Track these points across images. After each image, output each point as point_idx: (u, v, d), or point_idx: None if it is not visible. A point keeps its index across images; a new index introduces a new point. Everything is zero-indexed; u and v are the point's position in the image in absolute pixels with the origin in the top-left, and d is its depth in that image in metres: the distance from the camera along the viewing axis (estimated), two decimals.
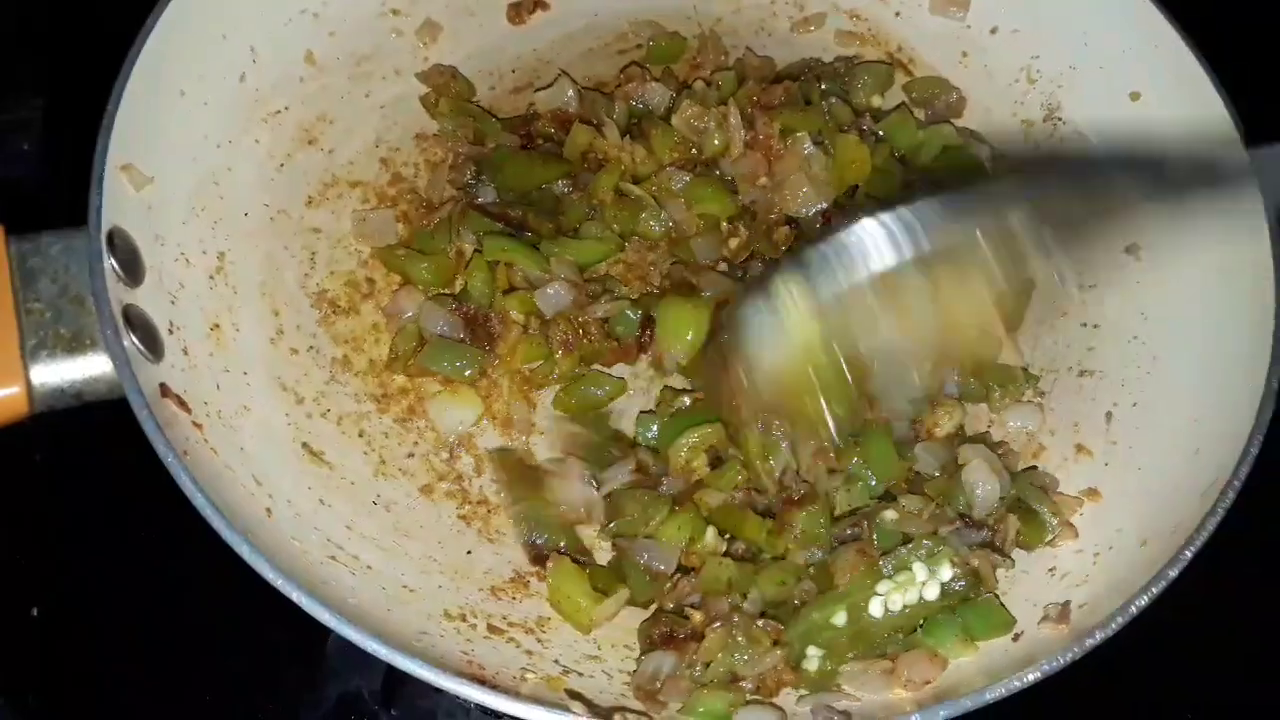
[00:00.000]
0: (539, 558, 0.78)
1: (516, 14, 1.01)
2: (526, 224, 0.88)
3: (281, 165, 0.90)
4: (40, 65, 1.09)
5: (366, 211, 0.91)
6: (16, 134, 1.06)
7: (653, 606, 0.77)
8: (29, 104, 1.09)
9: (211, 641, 0.83)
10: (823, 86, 0.96)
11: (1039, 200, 0.76)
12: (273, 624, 0.76)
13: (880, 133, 0.93)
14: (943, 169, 0.92)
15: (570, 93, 0.95)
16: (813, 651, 0.72)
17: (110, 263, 0.73)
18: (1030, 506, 0.79)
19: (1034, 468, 0.84)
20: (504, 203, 0.90)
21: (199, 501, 0.67)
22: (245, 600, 0.70)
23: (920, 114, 0.98)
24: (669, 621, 0.74)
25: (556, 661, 0.73)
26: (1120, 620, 0.67)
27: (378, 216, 0.91)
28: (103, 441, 0.81)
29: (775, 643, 0.72)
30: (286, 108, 0.92)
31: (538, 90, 0.96)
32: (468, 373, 0.84)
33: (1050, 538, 0.79)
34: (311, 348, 0.85)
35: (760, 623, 0.73)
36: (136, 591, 0.84)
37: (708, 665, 0.71)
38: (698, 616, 0.74)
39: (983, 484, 0.77)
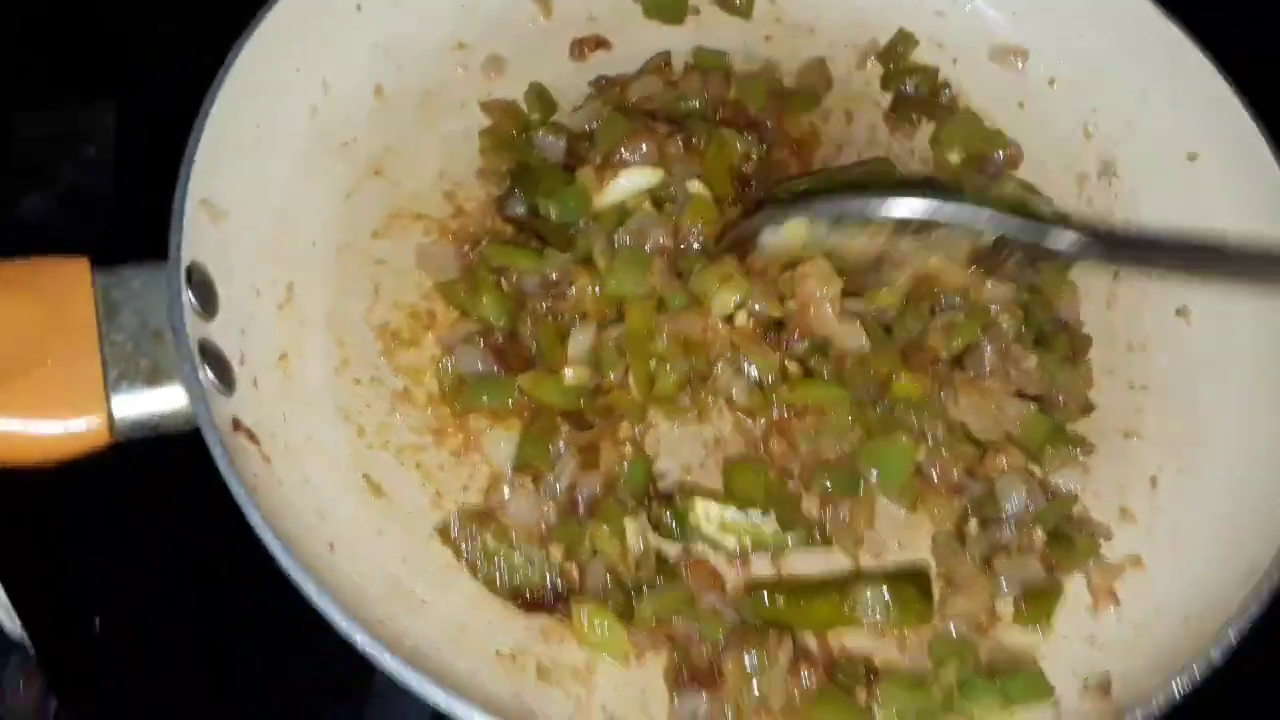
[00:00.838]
0: (535, 605, 0.78)
1: (579, 51, 1.03)
2: (546, 236, 0.89)
3: (349, 197, 0.93)
4: (108, 71, 1.12)
5: (429, 244, 0.93)
6: (85, 140, 1.09)
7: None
8: (98, 109, 1.12)
9: (264, 664, 0.86)
10: None
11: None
12: (325, 647, 0.79)
13: None
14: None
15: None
16: None
17: (188, 297, 0.75)
18: (1063, 531, 0.80)
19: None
20: (530, 214, 0.91)
21: (267, 538, 0.69)
22: (298, 622, 0.72)
23: (976, 168, 0.99)
24: (692, 660, 0.76)
25: (603, 708, 0.75)
26: (1162, 699, 0.68)
27: (439, 250, 0.93)
28: (171, 462, 0.83)
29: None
30: (355, 140, 0.94)
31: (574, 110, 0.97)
32: (510, 403, 0.85)
33: (1084, 563, 0.80)
34: (374, 379, 0.88)
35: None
36: (194, 609, 0.87)
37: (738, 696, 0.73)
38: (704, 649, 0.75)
39: (1015, 492, 0.79)
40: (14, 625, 0.80)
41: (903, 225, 0.84)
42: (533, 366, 0.86)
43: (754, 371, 0.84)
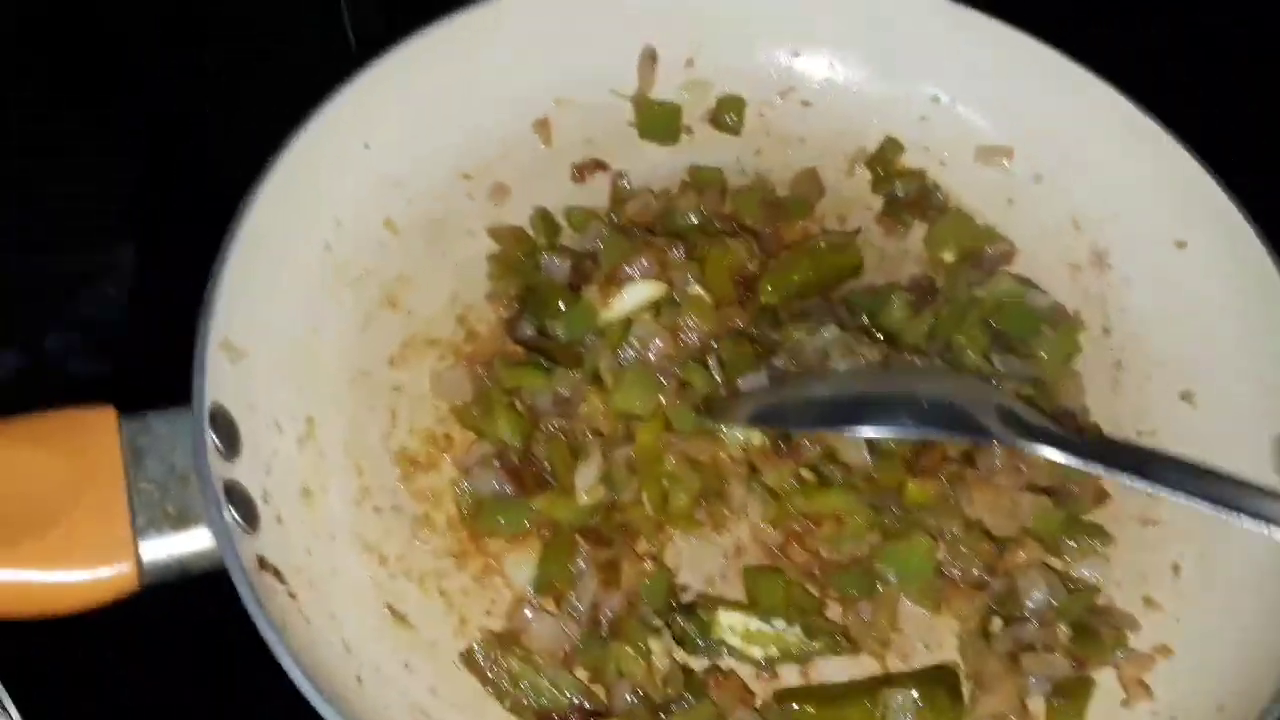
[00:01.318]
0: None
1: (579, 174, 1.07)
2: (555, 355, 0.91)
3: (364, 328, 0.95)
4: (127, 211, 1.16)
5: (443, 369, 0.95)
6: (103, 280, 1.12)
7: None
8: (116, 250, 1.15)
9: None
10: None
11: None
12: None
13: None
14: (1006, 323, 0.95)
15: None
16: None
17: (212, 439, 0.77)
18: (1088, 624, 0.80)
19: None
20: (539, 335, 0.94)
21: (297, 677, 0.70)
22: None
23: (970, 264, 1.01)
24: None
25: None
26: None
27: (453, 374, 0.94)
28: (195, 599, 0.84)
29: None
30: (368, 272, 0.97)
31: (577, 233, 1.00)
32: (526, 524, 0.86)
33: (1111, 656, 0.80)
34: (394, 506, 0.89)
35: None
36: None
37: None
38: None
39: (1036, 587, 0.79)
40: None
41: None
42: (549, 486, 0.87)
43: (767, 483, 0.85)
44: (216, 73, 1.24)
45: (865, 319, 0.95)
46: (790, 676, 0.82)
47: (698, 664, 0.81)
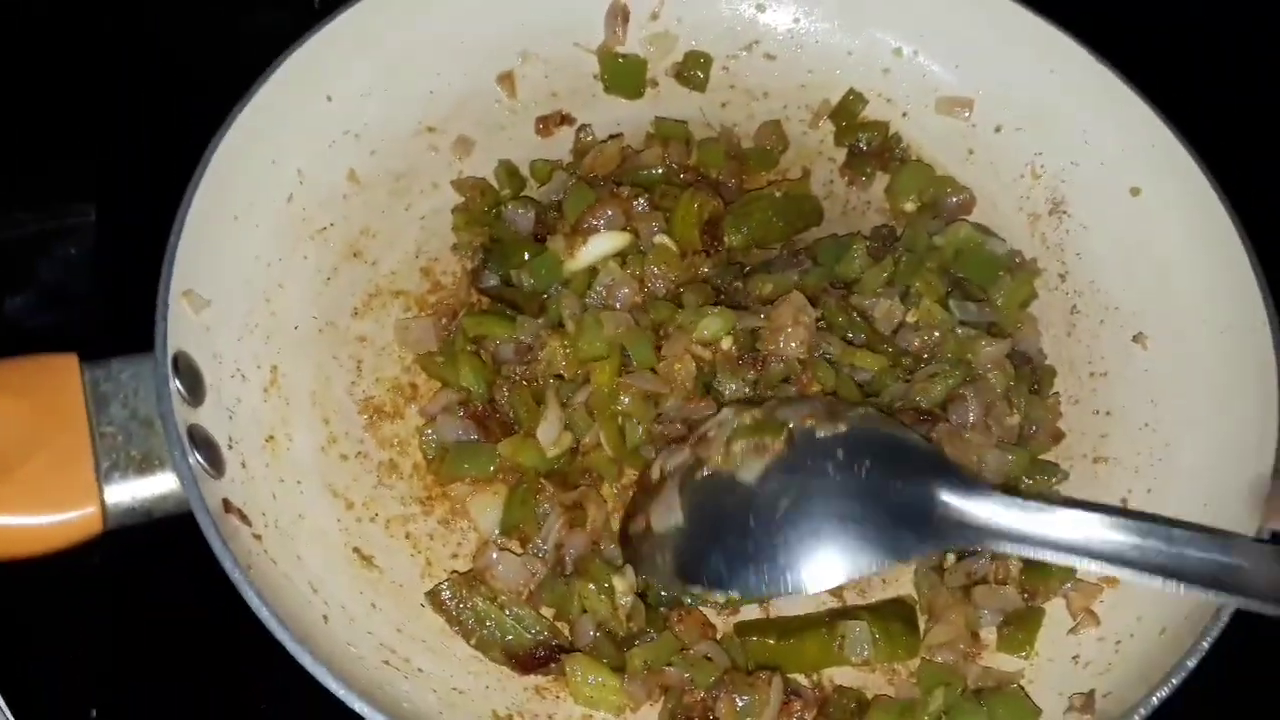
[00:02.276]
0: (529, 664, 0.80)
1: (544, 127, 1.07)
2: (520, 305, 0.92)
3: (328, 279, 0.96)
4: (88, 172, 1.15)
5: (409, 320, 0.96)
6: (64, 241, 1.11)
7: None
8: (76, 211, 1.15)
9: None
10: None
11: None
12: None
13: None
14: (965, 269, 0.96)
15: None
16: None
17: (175, 386, 0.78)
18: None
19: None
20: (504, 285, 0.94)
21: (264, 614, 0.71)
22: (298, 699, 0.73)
23: (931, 214, 1.02)
24: (686, 707, 0.77)
25: None
26: (1143, 712, 0.69)
27: (418, 324, 0.95)
28: (162, 544, 0.85)
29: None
30: (332, 224, 0.98)
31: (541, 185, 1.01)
32: (491, 469, 0.87)
33: (1061, 587, 0.82)
34: (360, 453, 0.90)
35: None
36: (193, 693, 0.88)
37: None
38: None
39: None
40: (6, 717, 0.81)
41: None
42: (513, 432, 0.88)
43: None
44: (177, 26, 1.23)
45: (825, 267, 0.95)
46: (751, 612, 0.84)
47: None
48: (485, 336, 0.91)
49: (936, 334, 0.90)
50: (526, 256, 0.94)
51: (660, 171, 1.01)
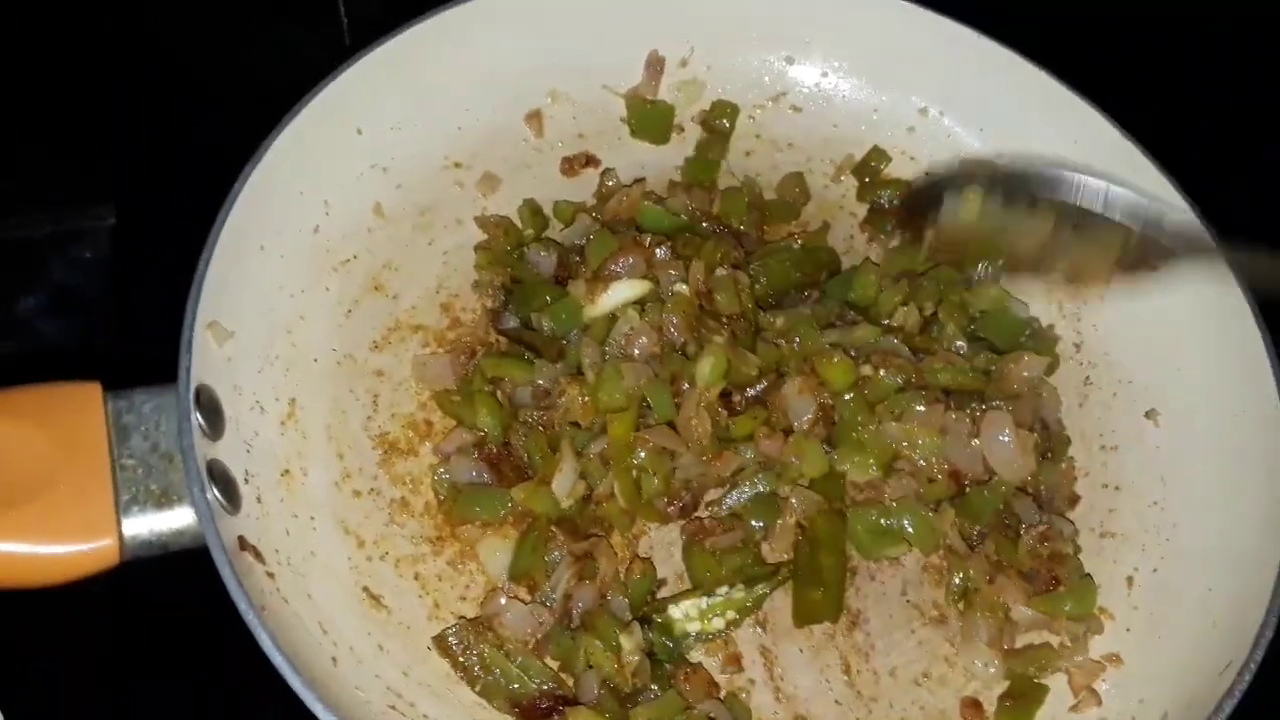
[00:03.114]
0: (532, 714, 0.80)
1: (570, 167, 1.08)
2: (538, 348, 0.92)
3: (349, 312, 0.96)
4: (104, 174, 1.15)
5: (426, 356, 0.96)
6: (80, 243, 1.12)
7: None
8: (92, 213, 1.15)
9: None
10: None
11: None
12: None
13: None
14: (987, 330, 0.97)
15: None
16: None
17: (197, 419, 0.78)
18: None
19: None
20: (524, 327, 0.95)
21: (276, 658, 0.71)
22: (296, 702, 0.73)
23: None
24: None
25: None
26: None
27: (436, 361, 0.96)
28: (174, 576, 0.85)
29: None
30: (355, 257, 0.98)
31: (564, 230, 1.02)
32: (502, 514, 0.88)
33: (1064, 664, 0.83)
34: (373, 490, 0.90)
35: None
36: (191, 696, 0.88)
37: None
38: None
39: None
40: None
41: (1065, 215, 0.91)
42: (526, 476, 0.88)
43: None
44: (207, 46, 1.23)
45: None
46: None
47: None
48: (503, 378, 0.92)
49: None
50: (548, 300, 0.94)
51: (683, 217, 1.02)
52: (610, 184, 1.05)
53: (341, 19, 1.25)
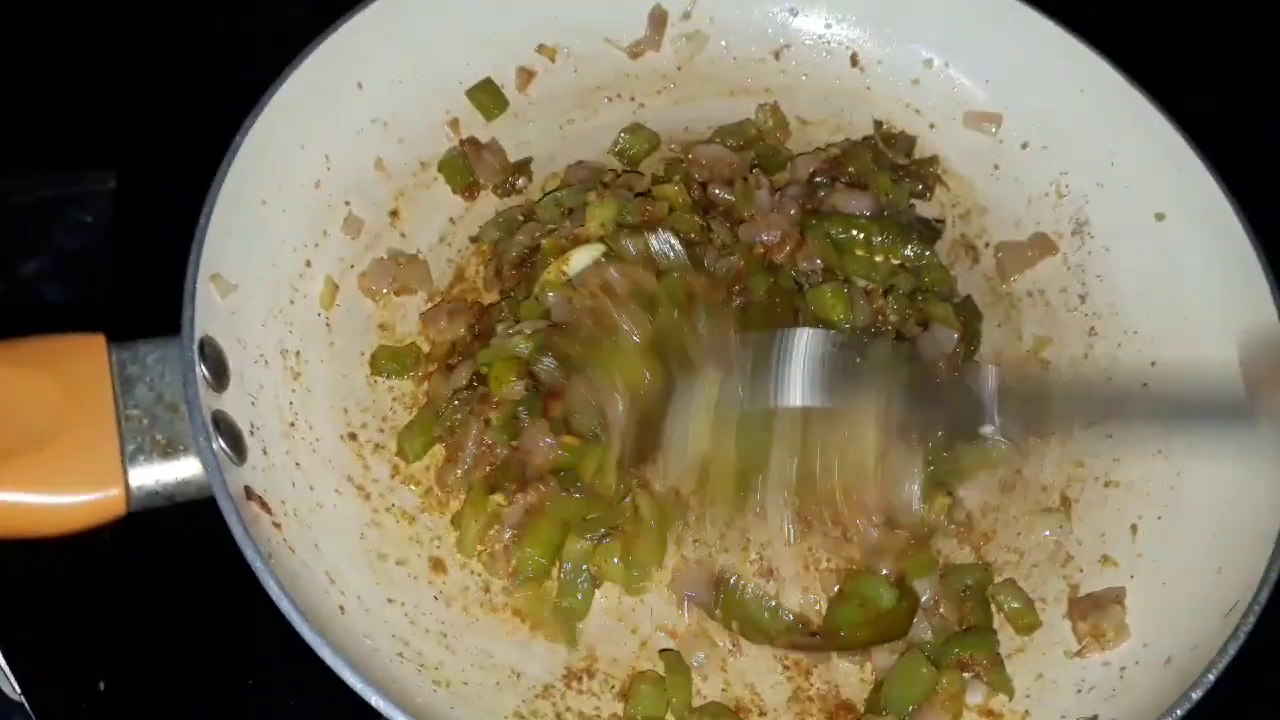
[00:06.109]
0: None
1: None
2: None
3: (351, 266, 0.96)
4: (107, 138, 1.15)
5: (430, 309, 0.96)
6: (77, 206, 1.11)
7: None
8: (95, 177, 1.14)
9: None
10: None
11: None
12: (333, 706, 0.80)
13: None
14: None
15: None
16: None
17: (201, 371, 0.78)
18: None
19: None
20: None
21: (284, 605, 0.71)
22: (309, 672, 0.73)
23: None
24: None
25: None
26: None
27: (439, 313, 0.95)
28: (179, 524, 0.85)
29: None
30: (357, 211, 0.97)
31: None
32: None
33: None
34: (377, 445, 0.90)
35: None
36: (203, 671, 0.88)
37: None
38: None
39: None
40: (12, 686, 0.82)
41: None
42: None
43: None
44: (206, 4, 1.22)
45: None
46: None
47: None
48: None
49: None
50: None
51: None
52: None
53: None
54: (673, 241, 0.90)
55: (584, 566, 0.83)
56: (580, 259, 0.91)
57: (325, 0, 0.96)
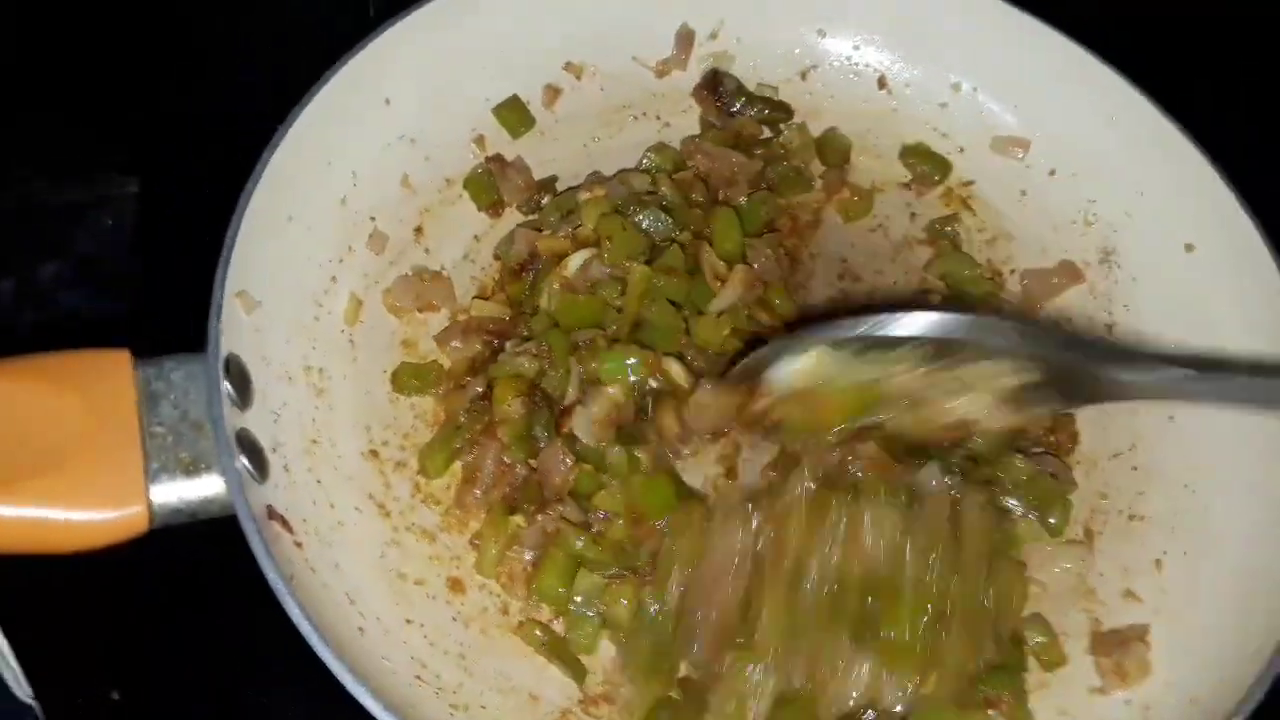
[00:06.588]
0: None
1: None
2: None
3: (375, 282, 0.96)
4: (129, 143, 1.15)
5: (450, 327, 0.95)
6: (103, 211, 1.11)
7: None
8: (116, 182, 1.14)
9: None
10: None
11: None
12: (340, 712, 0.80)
13: None
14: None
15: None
16: None
17: (226, 389, 0.78)
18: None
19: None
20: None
21: (304, 627, 0.71)
22: (318, 680, 0.73)
23: None
24: None
25: None
26: None
27: (459, 330, 0.95)
28: (198, 540, 0.85)
29: None
30: (383, 227, 0.97)
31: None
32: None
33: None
34: (398, 463, 0.90)
35: None
36: (210, 676, 0.89)
37: None
38: None
39: None
40: (24, 691, 0.82)
41: (934, 356, 0.79)
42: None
43: None
44: (232, 13, 1.23)
45: None
46: None
47: None
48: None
49: None
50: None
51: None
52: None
53: None
54: (661, 216, 0.91)
55: (595, 602, 0.82)
56: (577, 264, 0.91)
57: (326, 0, 0.96)
